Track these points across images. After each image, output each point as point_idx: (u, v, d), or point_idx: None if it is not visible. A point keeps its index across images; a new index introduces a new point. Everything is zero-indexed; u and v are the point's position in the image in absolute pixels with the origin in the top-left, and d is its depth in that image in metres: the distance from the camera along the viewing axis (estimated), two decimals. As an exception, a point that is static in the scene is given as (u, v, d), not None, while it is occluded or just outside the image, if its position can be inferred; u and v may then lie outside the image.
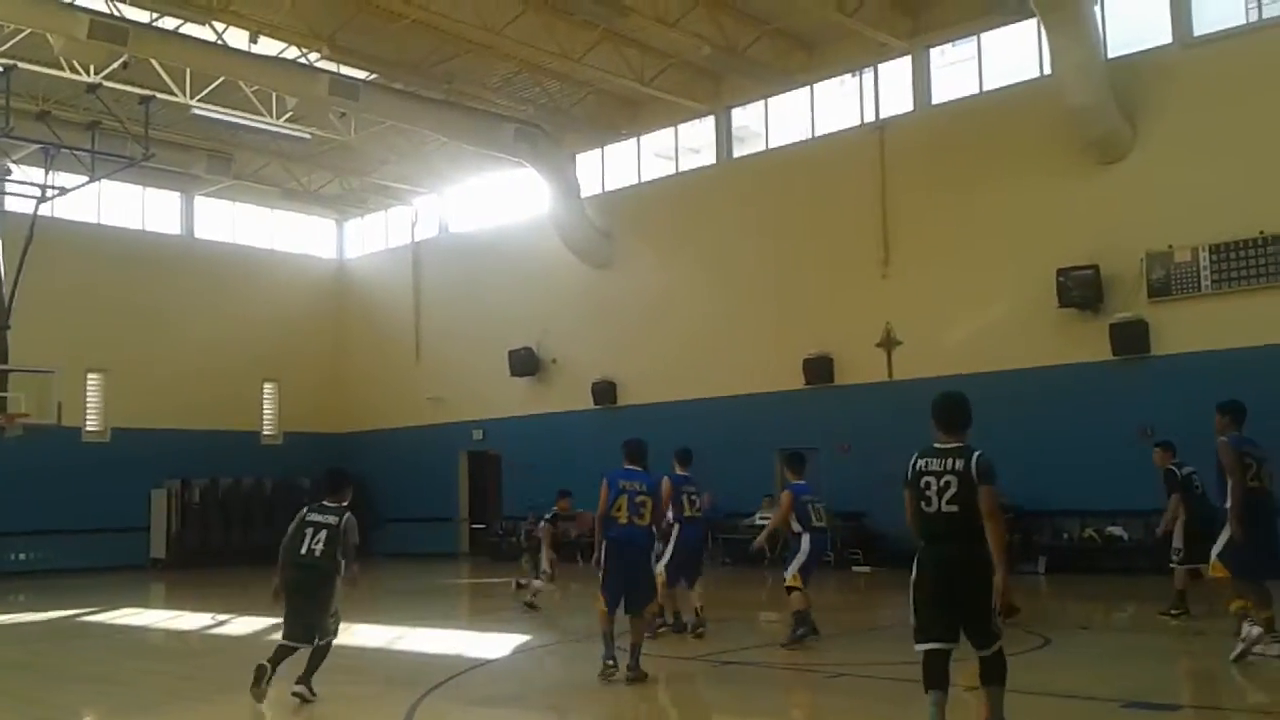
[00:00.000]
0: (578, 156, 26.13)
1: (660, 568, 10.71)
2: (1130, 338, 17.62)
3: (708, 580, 12.21)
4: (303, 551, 8.40)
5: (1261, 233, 16.59)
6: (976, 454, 6.03)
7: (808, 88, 22.48)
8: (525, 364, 26.21)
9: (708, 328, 23.08)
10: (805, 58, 22.03)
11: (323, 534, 8.42)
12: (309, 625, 8.40)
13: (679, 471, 12.14)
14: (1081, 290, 17.97)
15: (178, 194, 28.67)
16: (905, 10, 20.41)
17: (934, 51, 20.86)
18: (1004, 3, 18.05)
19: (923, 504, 6.05)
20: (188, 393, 27.05)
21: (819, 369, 21.36)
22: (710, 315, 23.11)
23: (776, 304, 22.12)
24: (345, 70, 21.30)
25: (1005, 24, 19.31)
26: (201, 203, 29.25)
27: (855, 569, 19.77)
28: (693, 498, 11.94)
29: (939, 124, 20.43)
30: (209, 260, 28.77)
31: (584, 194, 25.35)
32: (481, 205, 28.81)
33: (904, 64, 21.07)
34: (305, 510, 8.66)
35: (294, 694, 8.29)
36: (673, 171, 25.14)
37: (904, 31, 20.37)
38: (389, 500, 29.06)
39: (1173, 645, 10.40)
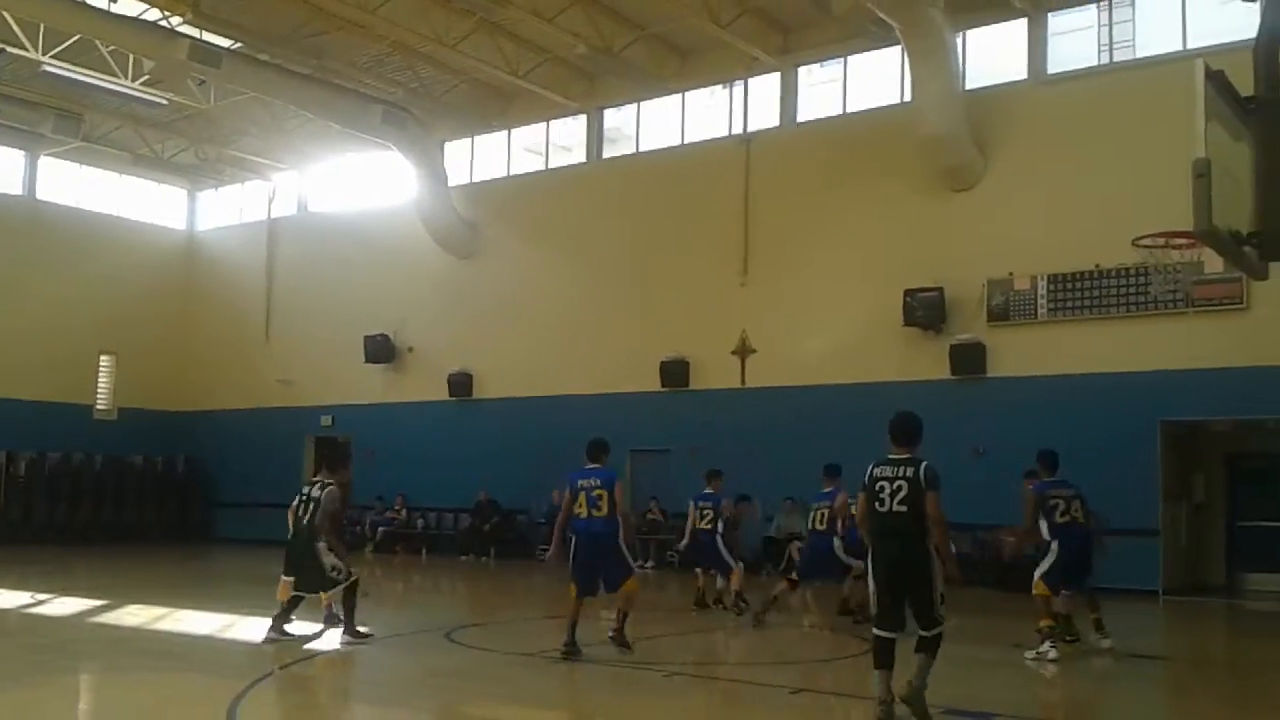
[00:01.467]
0: (446, 144, 25.87)
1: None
2: (968, 359, 18.41)
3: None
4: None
5: (1097, 266, 17.54)
6: (924, 464, 7.25)
7: (679, 95, 22.78)
8: (381, 351, 25.79)
9: (568, 326, 23.16)
10: (679, 65, 22.31)
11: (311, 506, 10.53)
12: (310, 580, 10.42)
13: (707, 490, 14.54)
14: (926, 311, 18.70)
15: (21, 153, 27.21)
16: (777, 28, 20.86)
17: (802, 70, 21.40)
18: (870, 29, 18.61)
19: (876, 504, 7.25)
20: (17, 360, 25.74)
21: (675, 372, 21.66)
22: (572, 313, 23.19)
23: (637, 306, 22.34)
24: (209, 37, 20.59)
25: (871, 49, 19.93)
26: (47, 163, 27.79)
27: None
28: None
29: (803, 141, 20.97)
30: (50, 223, 27.42)
31: (451, 183, 25.11)
32: (344, 186, 28.19)
33: (773, 80, 21.55)
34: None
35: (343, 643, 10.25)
36: (542, 167, 25.14)
37: (774, 48, 20.83)
38: (230, 483, 28.24)
39: (1004, 657, 10.73)
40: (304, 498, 10.80)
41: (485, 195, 25.38)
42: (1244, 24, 8.23)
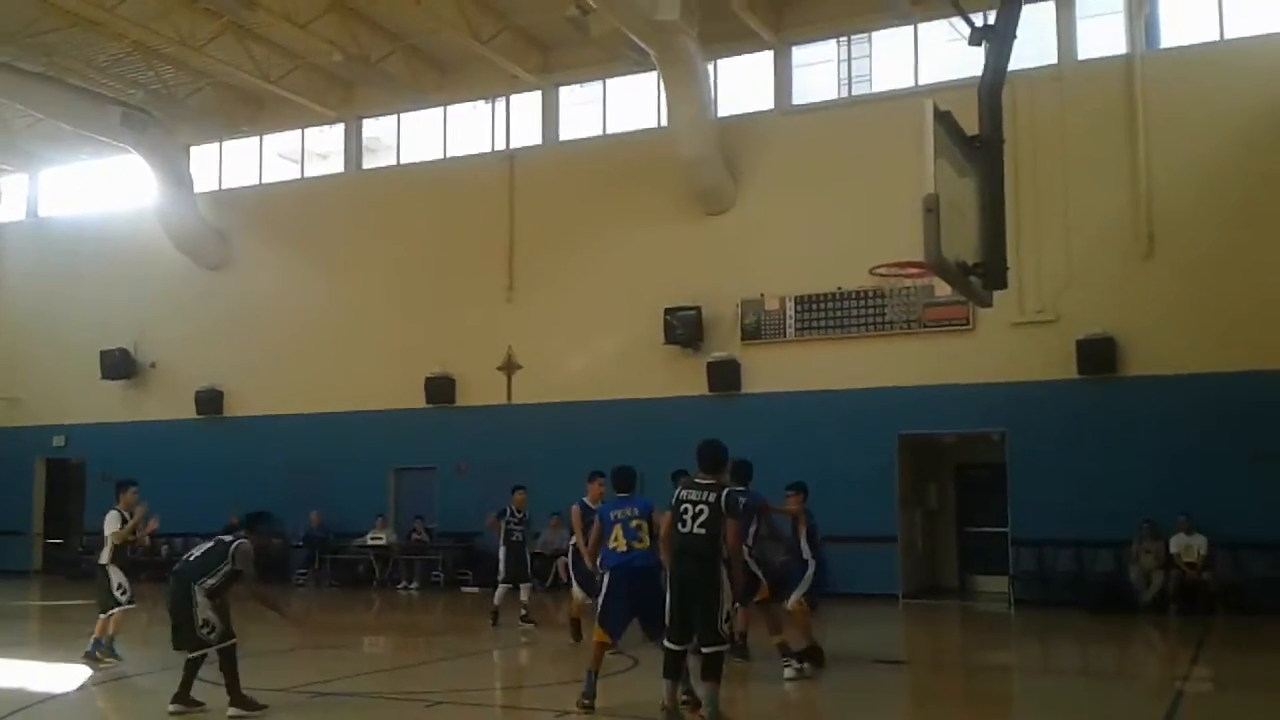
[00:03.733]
0: (192, 149, 24.63)
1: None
2: (724, 375, 19.10)
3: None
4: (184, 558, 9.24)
5: (839, 288, 18.55)
6: (727, 491, 7.64)
7: (441, 108, 22.57)
8: (120, 366, 24.20)
9: (329, 341, 22.45)
10: (439, 78, 22.09)
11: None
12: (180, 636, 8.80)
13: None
14: (685, 329, 19.27)
15: None
16: (537, 46, 20.98)
17: (563, 90, 21.61)
18: (628, 54, 19.05)
19: (679, 524, 7.65)
20: None
21: (441, 389, 21.40)
22: (332, 328, 22.49)
23: (401, 321, 21.93)
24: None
25: (629, 73, 20.39)
26: None
27: (464, 589, 19.94)
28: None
29: (566, 160, 21.19)
30: None
31: (198, 189, 23.94)
32: (79, 191, 26.35)
33: (535, 97, 21.69)
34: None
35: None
36: (298, 176, 24.32)
37: (535, 67, 20.96)
38: (-55, 511, 25.78)
39: (751, 668, 11.13)
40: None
41: (235, 203, 24.31)
42: (971, 63, 8.91)
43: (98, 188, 26.02)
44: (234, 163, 24.81)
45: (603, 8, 16.95)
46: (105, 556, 11.55)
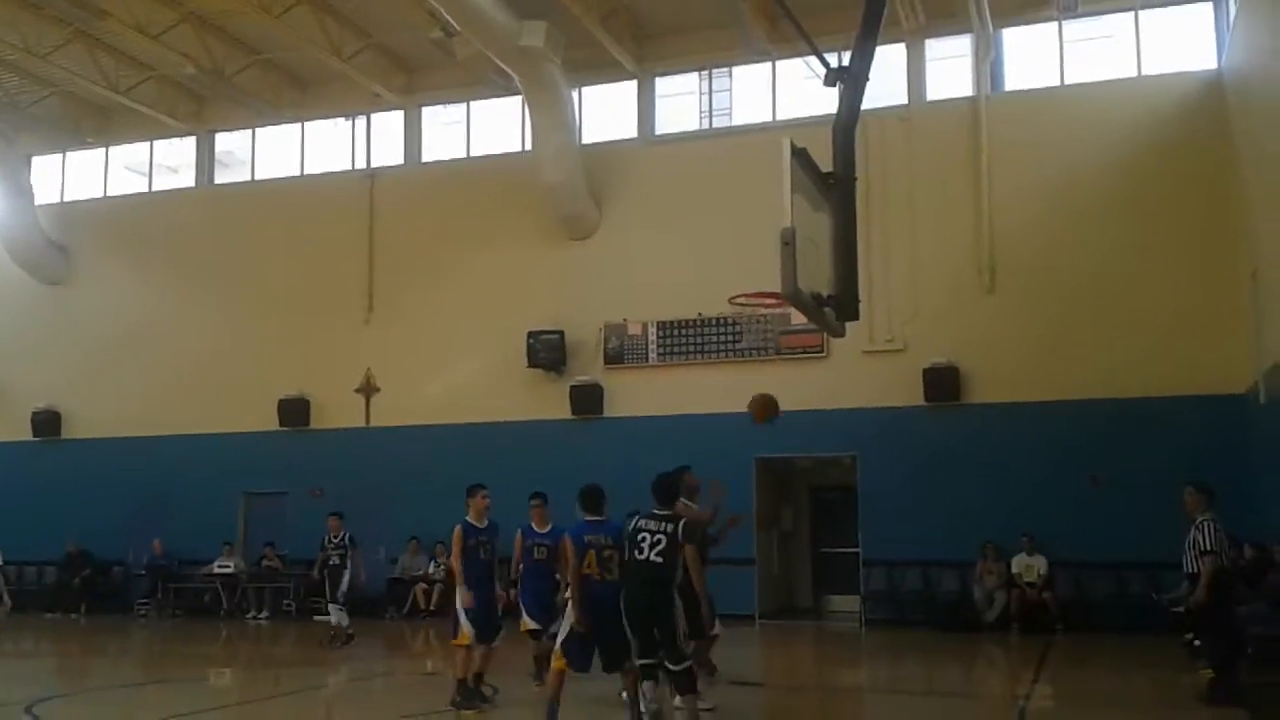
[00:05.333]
0: (34, 159, 23.54)
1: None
2: (587, 399, 19.18)
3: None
4: None
5: (700, 314, 18.86)
6: (683, 521, 8.18)
7: (299, 124, 22.12)
8: (-52, 386, 22.87)
9: (177, 360, 21.64)
10: (297, 94, 21.66)
11: None
12: None
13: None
14: (548, 353, 19.29)
15: None
16: (400, 66, 20.80)
17: (427, 110, 21.45)
18: (493, 78, 19.05)
19: (635, 552, 8.11)
20: None
21: (295, 411, 20.87)
22: (181, 347, 21.71)
23: (254, 341, 21.32)
24: None
25: (494, 96, 20.37)
26: None
27: (318, 618, 19.39)
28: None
29: (429, 181, 21.01)
30: None
31: (38, 201, 22.86)
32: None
33: (397, 117, 21.47)
34: None
35: None
36: (146, 189, 23.47)
37: (398, 86, 20.76)
38: None
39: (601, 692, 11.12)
40: None
41: (79, 216, 23.33)
42: (827, 99, 9.21)
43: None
44: (78, 174, 23.80)
45: (468, 32, 16.94)
46: None
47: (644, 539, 8.15)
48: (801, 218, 8.16)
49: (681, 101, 20.07)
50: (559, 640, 8.54)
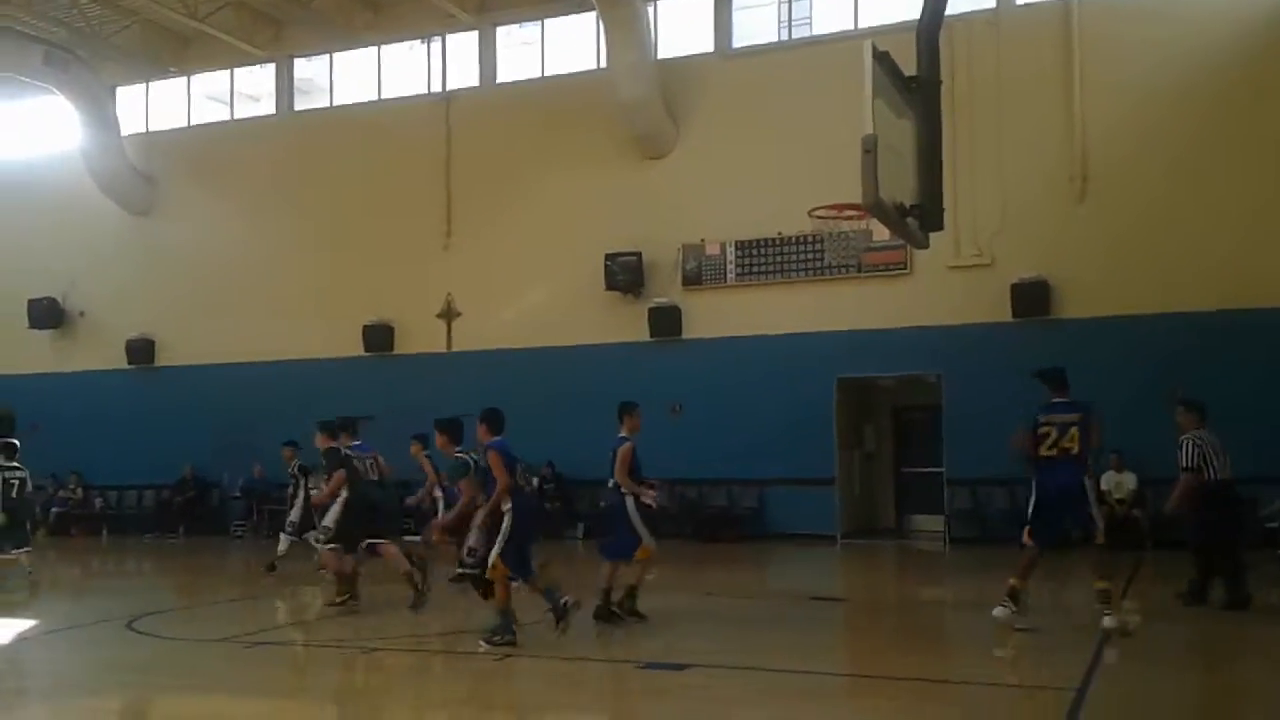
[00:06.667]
0: (119, 90, 23.90)
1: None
2: (665, 321, 19.08)
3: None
4: None
5: (779, 233, 18.56)
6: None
7: (375, 48, 22.07)
8: (48, 316, 23.61)
9: (262, 288, 22.01)
10: (372, 17, 21.59)
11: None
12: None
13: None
14: (626, 275, 19.18)
15: None
16: (474, -16, 20.60)
17: (500, 30, 21.22)
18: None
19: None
20: None
21: (379, 337, 21.14)
22: (266, 275, 22.05)
23: (337, 268, 21.55)
24: None
25: (568, 14, 20.06)
26: None
27: (405, 539, 19.82)
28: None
29: (503, 103, 20.85)
30: None
31: (124, 132, 23.24)
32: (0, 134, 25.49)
33: (471, 38, 21.28)
34: None
35: None
36: (228, 118, 23.71)
37: (471, 6, 20.54)
38: None
39: (698, 606, 11.30)
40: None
41: (163, 146, 23.67)
42: (911, 7, 8.86)
43: (19, 131, 25.15)
44: (161, 104, 24.11)
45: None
46: None
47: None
48: (884, 125, 7.90)
49: (759, 12, 19.56)
50: (496, 552, 8.83)
